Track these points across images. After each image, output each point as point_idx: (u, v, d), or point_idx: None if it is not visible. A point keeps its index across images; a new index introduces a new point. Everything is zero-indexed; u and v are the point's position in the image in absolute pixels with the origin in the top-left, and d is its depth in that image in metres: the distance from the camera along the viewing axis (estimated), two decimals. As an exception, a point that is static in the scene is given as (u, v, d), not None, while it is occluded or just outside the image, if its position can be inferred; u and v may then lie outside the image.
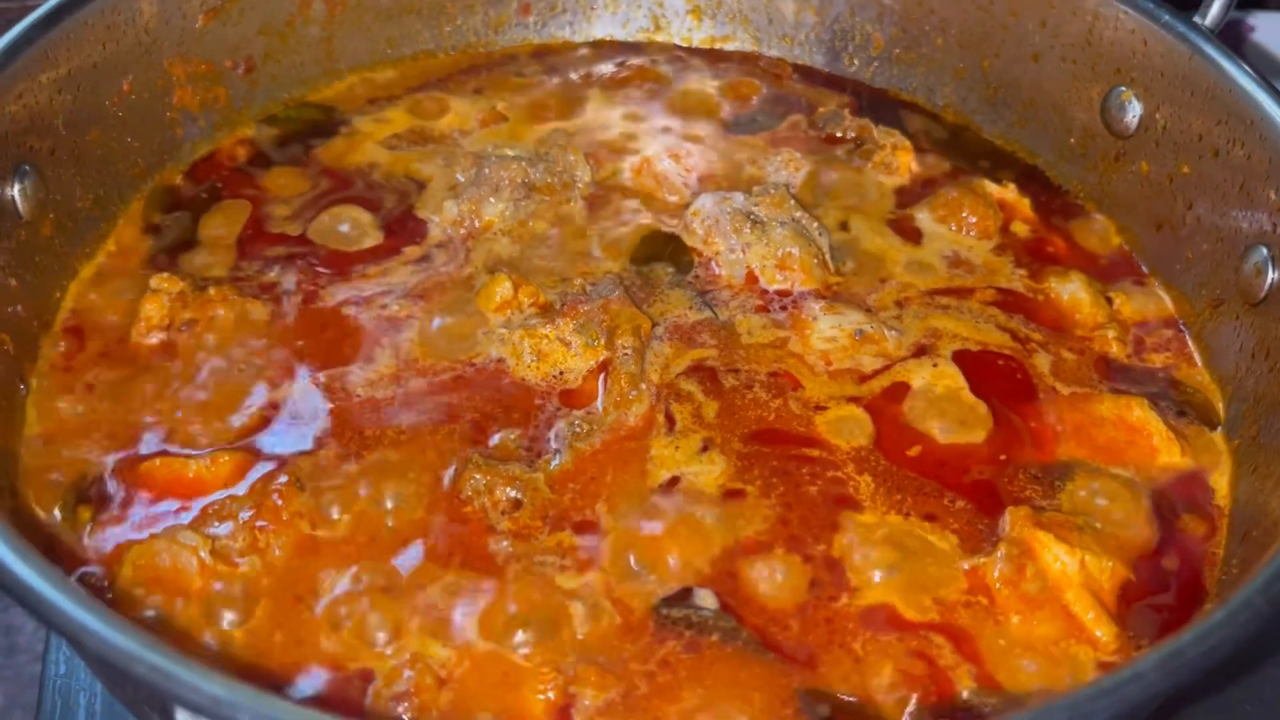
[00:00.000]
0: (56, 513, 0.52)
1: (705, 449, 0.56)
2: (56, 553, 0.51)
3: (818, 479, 0.55)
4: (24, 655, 0.91)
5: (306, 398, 0.58)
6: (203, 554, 0.50)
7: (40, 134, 0.60)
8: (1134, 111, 0.67)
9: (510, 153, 0.71)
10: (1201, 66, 0.63)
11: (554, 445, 0.56)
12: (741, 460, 0.56)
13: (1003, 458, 0.57)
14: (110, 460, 0.55)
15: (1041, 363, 0.62)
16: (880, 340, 0.62)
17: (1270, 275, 0.57)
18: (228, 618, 0.49)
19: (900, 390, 0.60)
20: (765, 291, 0.65)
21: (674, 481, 0.55)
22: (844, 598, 0.51)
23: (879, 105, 0.80)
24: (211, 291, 0.61)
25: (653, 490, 0.54)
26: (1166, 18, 0.64)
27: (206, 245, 0.66)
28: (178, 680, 0.35)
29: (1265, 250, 0.58)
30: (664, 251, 0.67)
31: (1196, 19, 0.64)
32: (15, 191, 0.57)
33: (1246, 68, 0.61)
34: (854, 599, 0.51)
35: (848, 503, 0.55)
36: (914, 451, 0.57)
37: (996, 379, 0.61)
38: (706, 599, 0.51)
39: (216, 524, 0.51)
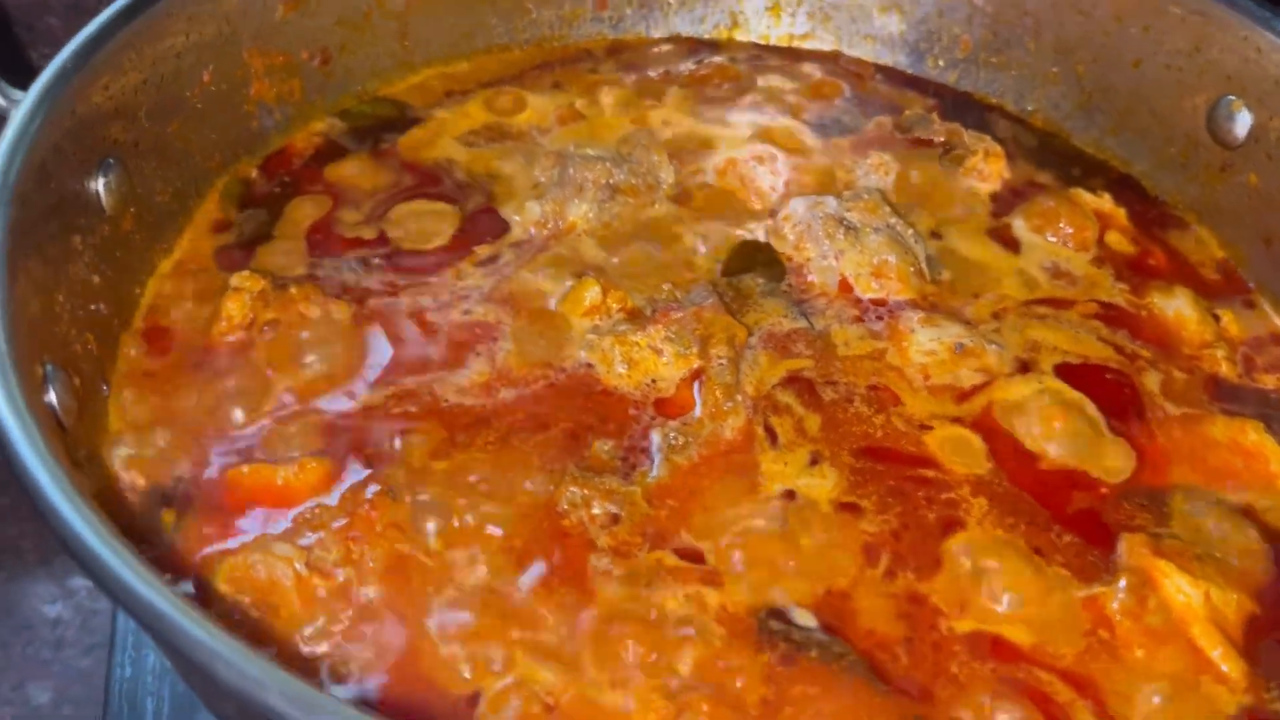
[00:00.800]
0: (142, 515, 0.51)
1: (815, 462, 0.54)
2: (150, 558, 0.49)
3: (933, 502, 0.53)
4: (71, 649, 0.89)
5: (394, 404, 0.56)
6: (298, 566, 0.48)
7: (124, 126, 0.58)
8: (1244, 122, 0.65)
9: (593, 152, 0.69)
10: (1322, 77, 0.60)
11: (650, 457, 0.55)
12: (855, 475, 0.54)
13: (1112, 481, 0.55)
14: (193, 465, 0.53)
15: (1150, 381, 0.60)
16: (981, 354, 0.60)
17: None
18: (325, 634, 0.47)
19: (1005, 408, 0.58)
20: (860, 300, 0.63)
21: (788, 495, 0.53)
22: (954, 626, 0.49)
23: (963, 108, 0.78)
24: (293, 290, 0.60)
25: (764, 503, 0.53)
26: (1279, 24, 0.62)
27: (282, 241, 0.64)
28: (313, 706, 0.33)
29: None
30: (755, 258, 0.65)
31: (1314, 27, 0.62)
32: (100, 185, 0.56)
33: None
34: (964, 627, 0.49)
35: (958, 526, 0.53)
36: (1024, 473, 0.55)
37: (1104, 396, 0.59)
38: (807, 618, 0.49)
39: (309, 534, 0.50)
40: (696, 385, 0.57)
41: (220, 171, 0.67)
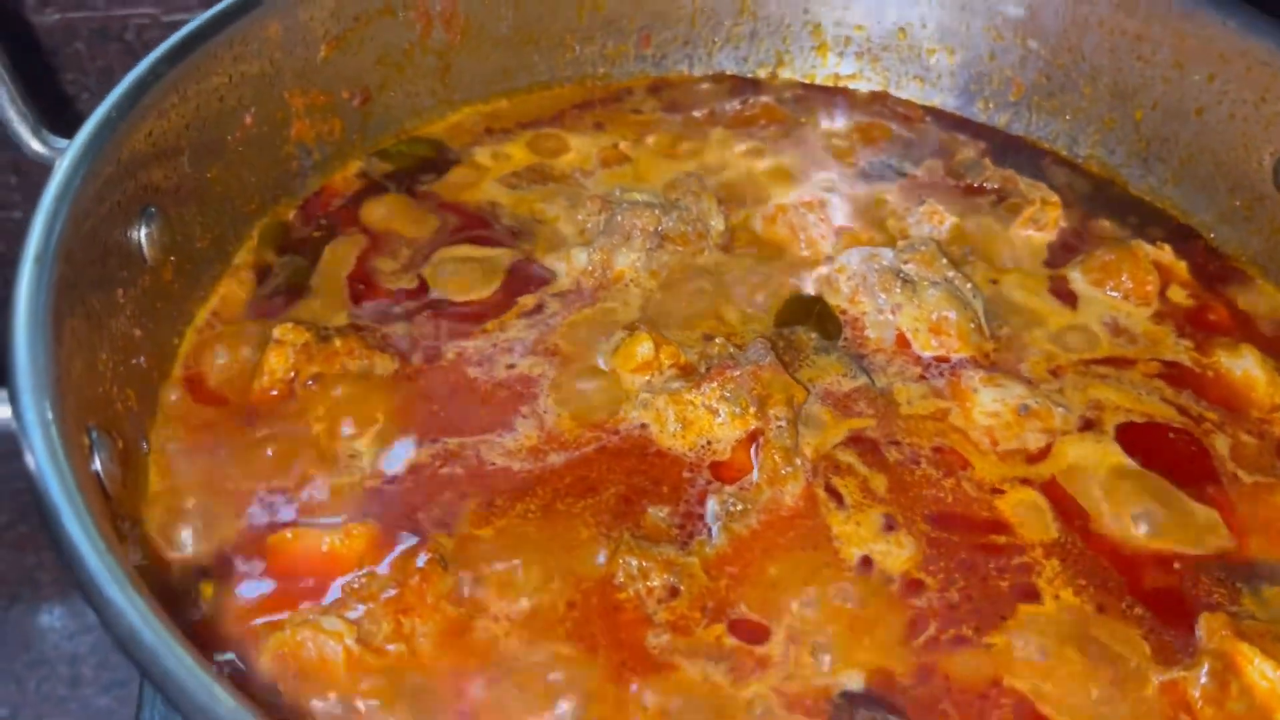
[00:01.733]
0: (180, 586, 0.49)
1: (890, 528, 0.52)
2: (188, 632, 0.47)
3: (1005, 570, 0.51)
4: (89, 687, 0.87)
5: (441, 466, 0.54)
6: (349, 641, 0.46)
7: (166, 172, 0.56)
8: (1313, 176, 0.63)
9: (640, 198, 0.67)
10: (1400, 134, 0.58)
11: (708, 525, 0.53)
12: (931, 545, 0.52)
13: (1187, 553, 0.53)
14: (235, 528, 0.51)
15: (1220, 445, 0.58)
16: (1047, 416, 0.58)
17: None
18: (379, 715, 0.45)
19: (1075, 474, 0.56)
20: (920, 357, 0.61)
21: (865, 563, 0.51)
22: (1033, 708, 0.47)
23: (1015, 152, 0.76)
24: (337, 343, 0.58)
25: (838, 573, 0.51)
26: (1359, 79, 0.60)
27: (322, 289, 0.63)
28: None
29: None
30: (810, 312, 0.63)
31: (1390, 81, 0.60)
32: (142, 235, 0.54)
33: None
34: (1037, 710, 0.47)
35: (1033, 596, 0.51)
36: (1096, 541, 0.53)
37: (1172, 460, 0.57)
38: (878, 699, 0.47)
39: (357, 605, 0.48)
40: (754, 448, 0.55)
41: (259, 215, 0.65)
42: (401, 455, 0.54)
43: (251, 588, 0.49)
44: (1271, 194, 0.66)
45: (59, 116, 0.71)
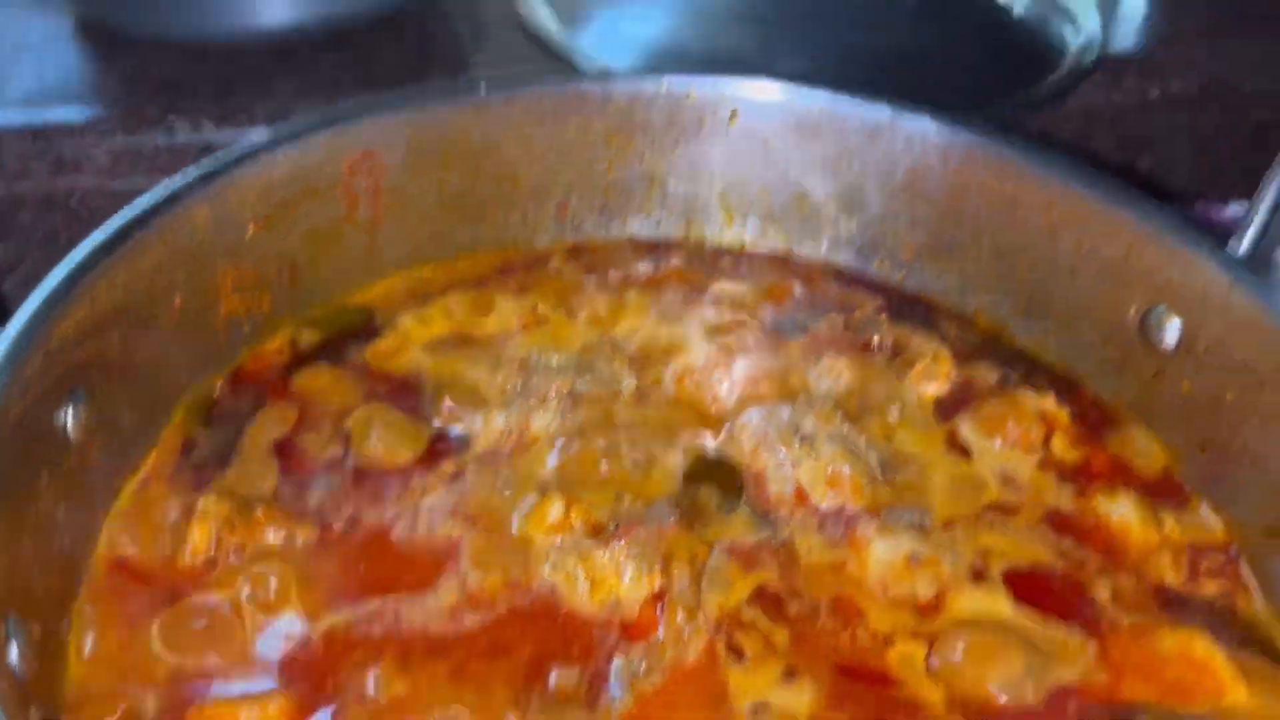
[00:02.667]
0: (97, 763, 0.50)
1: (791, 675, 0.55)
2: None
3: (900, 726, 0.54)
4: None
5: (360, 632, 0.56)
6: (259, 820, 0.47)
7: (95, 354, 0.59)
8: (1173, 332, 0.68)
9: (556, 360, 0.71)
10: (1241, 296, 0.64)
11: (614, 685, 0.55)
12: (834, 691, 0.55)
13: (1067, 701, 0.56)
14: (155, 705, 0.52)
15: (1101, 589, 0.61)
16: (936, 564, 0.62)
17: (1330, 513, 0.58)
18: None
19: (961, 622, 0.59)
20: (818, 509, 0.64)
21: (760, 708, 0.53)
22: None
23: (910, 307, 0.81)
24: (259, 514, 0.60)
25: (736, 723, 0.53)
26: (1204, 246, 0.66)
27: (247, 460, 0.65)
28: None
29: (1322, 487, 0.58)
30: (715, 470, 0.66)
31: (1232, 247, 0.66)
32: (69, 417, 0.56)
33: (1287, 300, 0.62)
34: None
35: (922, 752, 0.53)
36: (984, 696, 0.56)
37: (1055, 605, 0.60)
38: None
39: (271, 781, 0.49)
40: (659, 606, 0.58)
41: (186, 389, 0.67)
42: (321, 624, 0.56)
43: (167, 764, 0.50)
44: (1140, 346, 0.71)
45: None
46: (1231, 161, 1.26)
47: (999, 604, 0.60)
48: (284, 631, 0.56)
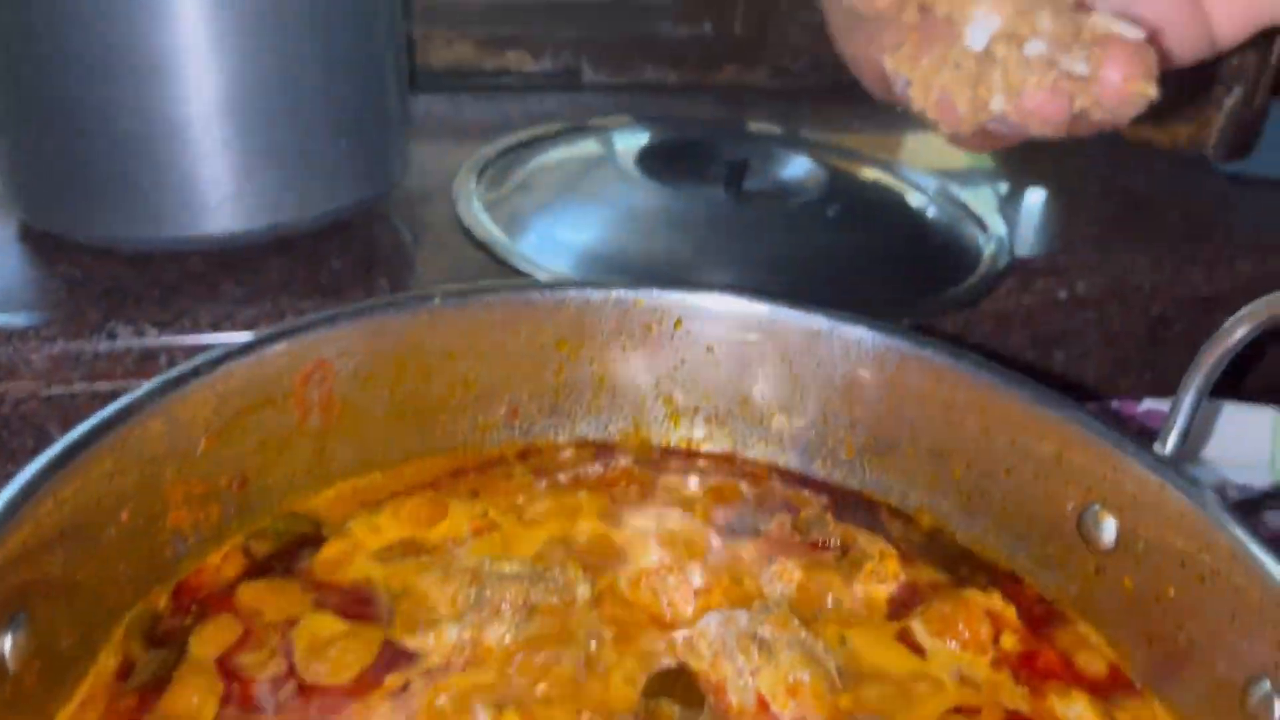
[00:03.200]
0: None
1: None
2: None
3: None
4: None
5: None
6: None
7: (37, 576, 0.57)
8: (1110, 529, 0.71)
9: (509, 569, 0.71)
10: (1172, 495, 0.67)
11: None
12: None
13: None
14: None
15: (1065, 796, 0.61)
16: (900, 774, 0.61)
17: (1278, 710, 0.59)
18: None
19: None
20: (780, 719, 0.64)
21: None
22: None
23: (854, 506, 0.83)
24: (202, 742, 0.57)
25: None
26: (1132, 448, 0.69)
27: (188, 680, 0.62)
28: None
29: (1268, 683, 0.60)
30: (674, 682, 0.65)
31: (1158, 448, 0.70)
32: (8, 644, 0.54)
33: (1213, 500, 0.65)
34: None
35: None
36: None
37: (1021, 814, 0.60)
38: None
39: None
40: (624, 829, 0.56)
41: (129, 605, 0.65)
42: None
43: None
44: (1078, 543, 0.73)
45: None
46: (1138, 354, 1.34)
47: (967, 814, 0.59)
48: None
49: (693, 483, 0.83)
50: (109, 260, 1.06)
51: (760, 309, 0.82)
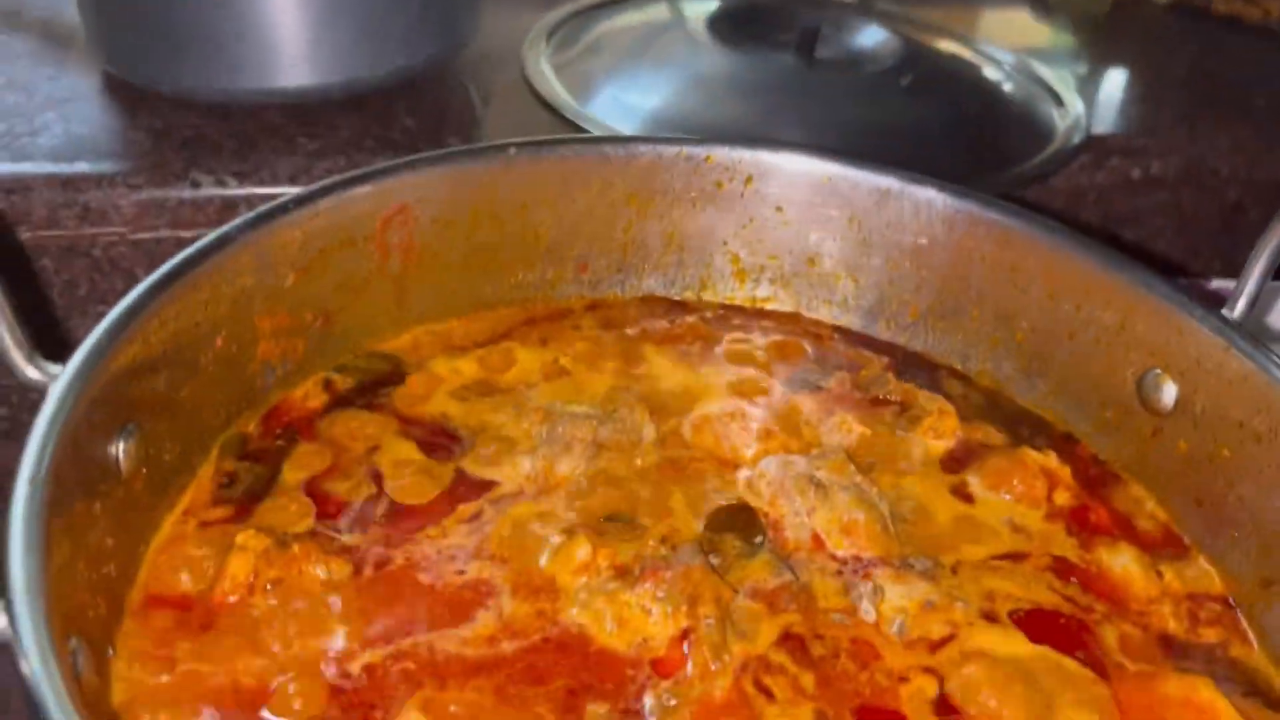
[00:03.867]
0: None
1: (817, 716, 0.57)
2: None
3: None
4: None
5: (395, 664, 0.58)
6: (305, 843, 0.48)
7: (144, 392, 0.61)
8: (1170, 393, 0.72)
9: (579, 410, 0.74)
10: (1236, 358, 0.68)
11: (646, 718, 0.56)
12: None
13: (1078, 739, 0.58)
14: (197, 731, 0.54)
15: (1109, 636, 0.64)
16: (948, 609, 0.64)
17: (1323, 563, 0.61)
18: None
19: (974, 660, 0.61)
20: (835, 556, 0.67)
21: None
22: None
23: (916, 366, 0.84)
24: (295, 549, 0.62)
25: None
26: (1199, 311, 0.70)
27: (282, 497, 0.67)
28: None
29: (1317, 539, 0.62)
30: (735, 515, 0.68)
31: (1225, 312, 0.70)
32: (120, 450, 0.58)
33: (1277, 362, 0.66)
34: None
35: (942, 787, 0.55)
36: (998, 731, 0.58)
37: (1063, 645, 0.63)
38: None
39: (315, 807, 0.50)
40: (686, 644, 0.60)
41: (223, 428, 0.69)
42: (358, 655, 0.58)
43: (210, 790, 0.52)
44: (1137, 408, 0.74)
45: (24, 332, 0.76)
46: (1209, 239, 1.32)
47: (1010, 643, 0.62)
48: (324, 665, 0.57)
49: (757, 339, 0.85)
50: (189, 112, 1.08)
51: (831, 168, 0.83)
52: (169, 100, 1.09)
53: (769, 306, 0.88)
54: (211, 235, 0.66)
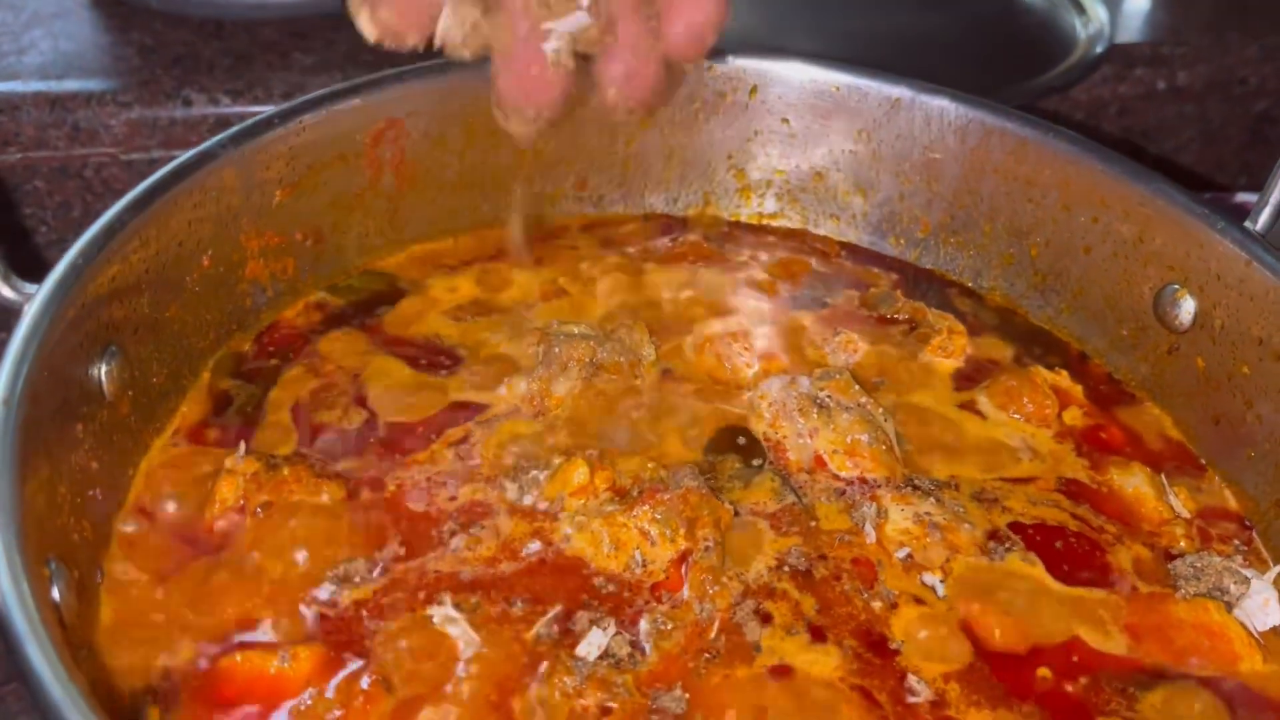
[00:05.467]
0: (129, 710, 0.51)
1: (817, 640, 0.56)
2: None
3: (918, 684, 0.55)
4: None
5: (382, 589, 0.57)
6: (293, 765, 0.48)
7: (127, 312, 0.60)
8: (1188, 309, 0.69)
9: (577, 330, 0.72)
10: (1258, 272, 0.65)
11: (641, 643, 0.56)
12: (856, 657, 0.56)
13: (1085, 661, 0.57)
14: (185, 654, 0.53)
15: (1122, 557, 0.62)
16: (953, 530, 0.62)
17: (1344, 482, 0.59)
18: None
19: (978, 582, 0.60)
20: (838, 477, 0.65)
21: (788, 672, 0.54)
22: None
23: (926, 284, 0.82)
24: (286, 472, 0.61)
25: (767, 683, 0.54)
26: (1220, 223, 0.67)
27: (273, 419, 0.66)
28: None
29: (1337, 458, 0.59)
30: (735, 437, 0.67)
31: (1249, 224, 0.67)
32: (103, 372, 0.57)
33: (1303, 276, 0.63)
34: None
35: (943, 706, 0.54)
36: (993, 654, 0.57)
37: (1071, 561, 0.61)
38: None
39: (303, 729, 0.50)
40: (684, 567, 0.59)
41: (213, 350, 0.68)
42: (348, 578, 0.57)
43: (200, 712, 0.51)
44: (1154, 325, 0.72)
45: (16, 252, 0.75)
46: (1234, 153, 1.28)
47: (1013, 564, 0.61)
48: (316, 587, 0.56)
49: (761, 257, 0.83)
50: (180, 27, 1.05)
51: (840, 77, 0.80)
52: (160, 15, 1.06)
53: (775, 223, 0.86)
54: (192, 152, 0.64)
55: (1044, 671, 0.56)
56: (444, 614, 0.55)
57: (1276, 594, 0.59)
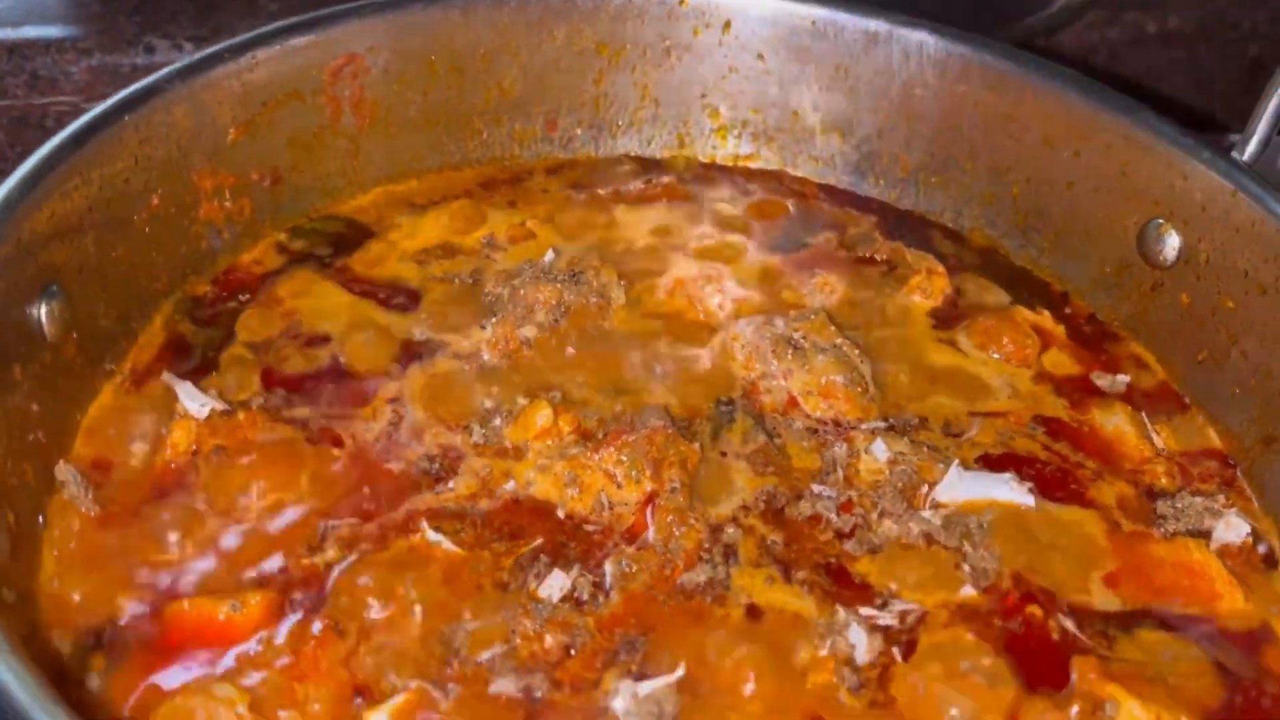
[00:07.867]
0: (72, 659, 0.49)
1: (785, 578, 0.55)
2: (76, 705, 0.47)
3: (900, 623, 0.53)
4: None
5: (337, 534, 0.55)
6: (240, 709, 0.46)
7: (68, 252, 0.57)
8: (1173, 244, 0.67)
9: (544, 272, 0.70)
10: (1244, 203, 0.63)
11: (605, 585, 0.54)
12: (824, 594, 0.54)
13: (1062, 598, 0.56)
14: (132, 600, 0.51)
15: (1105, 494, 0.61)
16: (929, 470, 0.61)
17: (1329, 416, 0.57)
18: (267, 783, 0.45)
19: (953, 523, 0.58)
20: (811, 417, 0.63)
21: (753, 611, 0.53)
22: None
23: (905, 225, 0.80)
24: (241, 417, 0.59)
25: (733, 622, 0.52)
26: (1206, 154, 0.65)
27: (230, 363, 0.64)
28: None
29: (1323, 391, 0.58)
30: (706, 378, 0.65)
31: (1235, 154, 0.65)
32: (42, 313, 0.55)
33: (1290, 206, 0.61)
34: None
35: (912, 647, 0.53)
36: (969, 591, 0.55)
37: (1043, 483, 0.60)
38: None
39: (252, 673, 0.48)
40: (649, 510, 0.57)
41: (167, 293, 0.66)
42: (301, 523, 0.55)
43: (146, 659, 0.49)
44: (1137, 261, 0.70)
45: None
46: (1228, 102, 1.25)
47: (991, 500, 0.59)
48: (268, 533, 0.55)
49: (738, 199, 0.80)
50: (143, -28, 1.02)
51: (817, 10, 0.77)
52: (121, -40, 1.03)
53: (751, 165, 0.83)
54: (135, 86, 0.62)
55: (1021, 611, 0.55)
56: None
57: (1248, 520, 0.58)
